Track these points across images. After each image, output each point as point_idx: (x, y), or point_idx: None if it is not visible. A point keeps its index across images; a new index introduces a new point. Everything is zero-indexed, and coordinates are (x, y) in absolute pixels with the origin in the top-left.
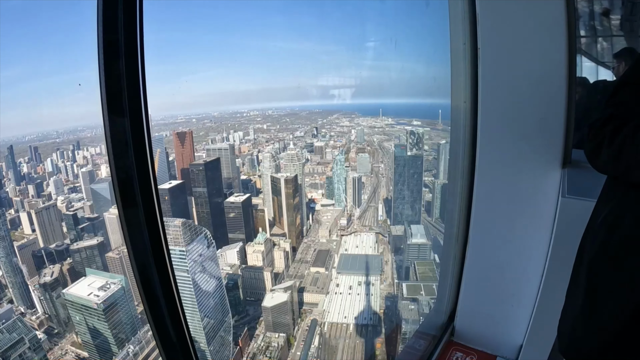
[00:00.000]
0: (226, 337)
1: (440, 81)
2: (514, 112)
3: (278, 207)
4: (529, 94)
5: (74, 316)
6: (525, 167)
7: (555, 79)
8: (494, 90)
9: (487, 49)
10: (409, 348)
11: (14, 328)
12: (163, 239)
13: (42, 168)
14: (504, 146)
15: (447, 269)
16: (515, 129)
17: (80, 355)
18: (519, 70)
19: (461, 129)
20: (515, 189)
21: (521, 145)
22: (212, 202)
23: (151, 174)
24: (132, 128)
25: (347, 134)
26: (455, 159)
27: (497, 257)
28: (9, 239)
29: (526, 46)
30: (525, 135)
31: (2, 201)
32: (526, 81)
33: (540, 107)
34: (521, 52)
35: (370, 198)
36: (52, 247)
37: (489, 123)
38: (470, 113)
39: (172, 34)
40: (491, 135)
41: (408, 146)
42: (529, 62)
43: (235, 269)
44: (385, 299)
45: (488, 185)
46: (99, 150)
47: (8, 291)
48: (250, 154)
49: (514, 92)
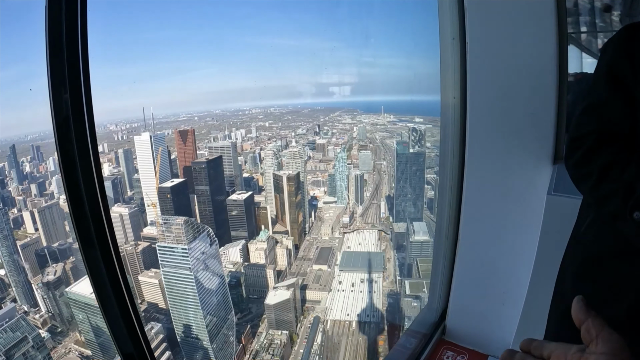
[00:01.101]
0: (229, 334)
1: (437, 77)
2: (503, 108)
3: (280, 205)
4: (518, 89)
5: (77, 314)
6: (516, 164)
7: (546, 73)
8: (482, 85)
9: (476, 43)
10: (400, 346)
11: (17, 327)
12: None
13: (44, 167)
14: (493, 142)
15: (438, 267)
16: (505, 125)
17: (83, 353)
18: (508, 64)
19: (450, 125)
20: (505, 186)
21: (511, 141)
22: (215, 200)
23: (93, 165)
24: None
25: (349, 131)
26: (445, 155)
27: (487, 255)
28: (11, 238)
29: (515, 39)
30: (516, 130)
31: (4, 200)
32: (516, 75)
33: (530, 102)
34: (510, 45)
35: (372, 195)
36: (55, 245)
37: (478, 119)
38: (460, 109)
39: (173, 32)
40: (480, 131)
41: (410, 143)
42: (519, 55)
43: (237, 266)
44: (387, 296)
45: (478, 182)
46: (101, 149)
47: (11, 290)
48: (252, 152)
49: (504, 86)
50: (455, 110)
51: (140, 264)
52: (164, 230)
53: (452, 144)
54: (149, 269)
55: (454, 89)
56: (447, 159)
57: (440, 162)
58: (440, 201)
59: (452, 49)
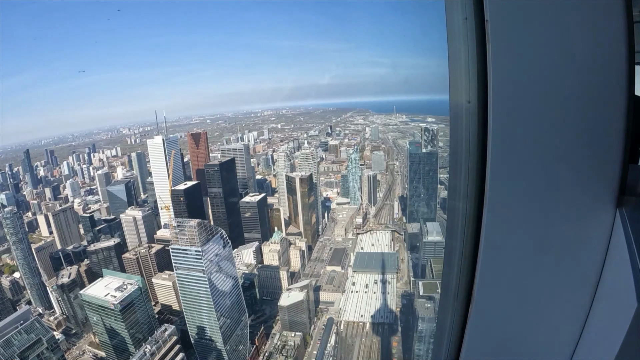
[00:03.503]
0: (243, 336)
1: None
2: (544, 119)
3: (293, 206)
4: (566, 92)
5: (92, 316)
6: (561, 203)
7: (610, 69)
8: (509, 85)
9: (500, 23)
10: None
11: (32, 329)
12: None
13: (58, 171)
14: (529, 169)
15: (445, 322)
16: (547, 147)
17: (97, 355)
18: (551, 56)
19: (463, 136)
20: (545, 237)
21: (555, 170)
22: (228, 202)
23: None
24: None
25: (362, 132)
26: (456, 186)
27: (512, 319)
28: (26, 241)
29: (559, 19)
30: (562, 155)
31: (19, 204)
32: (563, 71)
33: (583, 112)
34: (554, 27)
35: (385, 196)
36: (70, 248)
37: (508, 136)
38: (478, 117)
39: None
40: (509, 154)
41: (423, 143)
42: (566, 41)
43: (251, 268)
44: (401, 297)
45: (503, 219)
46: (115, 152)
47: (26, 292)
48: (265, 154)
49: (543, 89)
50: (469, 117)
51: (154, 266)
52: (177, 233)
53: (466, 160)
54: (162, 271)
55: (467, 89)
56: (458, 191)
57: (449, 195)
58: (450, 235)
59: (463, 32)
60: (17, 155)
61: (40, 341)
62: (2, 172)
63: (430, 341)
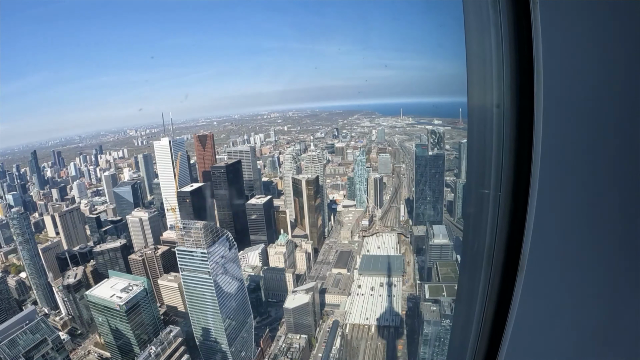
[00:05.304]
0: (248, 338)
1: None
2: (600, 129)
3: (299, 209)
4: (621, 104)
5: (97, 317)
6: (617, 206)
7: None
8: (564, 99)
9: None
10: None
11: (37, 329)
12: None
13: (65, 172)
14: (581, 172)
15: (470, 326)
16: (600, 153)
17: (102, 355)
18: (601, 72)
19: (493, 140)
20: (601, 235)
21: (609, 176)
22: (234, 204)
23: None
24: None
25: (368, 134)
26: (480, 181)
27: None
28: (33, 242)
29: None
30: (616, 161)
31: (26, 205)
32: (617, 84)
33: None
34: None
35: (391, 198)
36: (76, 249)
37: (559, 143)
38: (511, 122)
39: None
40: (561, 159)
41: (429, 145)
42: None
43: (257, 270)
44: (407, 300)
45: (554, 225)
46: (121, 154)
47: (32, 292)
48: (271, 156)
49: (599, 103)
50: (500, 122)
51: (160, 267)
52: (183, 235)
53: (496, 179)
54: (168, 273)
55: (493, 93)
56: (485, 195)
57: (465, 197)
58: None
59: (494, 35)
60: (24, 157)
61: (46, 341)
62: (10, 173)
63: (435, 344)
